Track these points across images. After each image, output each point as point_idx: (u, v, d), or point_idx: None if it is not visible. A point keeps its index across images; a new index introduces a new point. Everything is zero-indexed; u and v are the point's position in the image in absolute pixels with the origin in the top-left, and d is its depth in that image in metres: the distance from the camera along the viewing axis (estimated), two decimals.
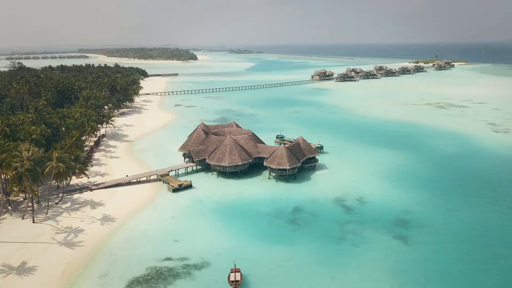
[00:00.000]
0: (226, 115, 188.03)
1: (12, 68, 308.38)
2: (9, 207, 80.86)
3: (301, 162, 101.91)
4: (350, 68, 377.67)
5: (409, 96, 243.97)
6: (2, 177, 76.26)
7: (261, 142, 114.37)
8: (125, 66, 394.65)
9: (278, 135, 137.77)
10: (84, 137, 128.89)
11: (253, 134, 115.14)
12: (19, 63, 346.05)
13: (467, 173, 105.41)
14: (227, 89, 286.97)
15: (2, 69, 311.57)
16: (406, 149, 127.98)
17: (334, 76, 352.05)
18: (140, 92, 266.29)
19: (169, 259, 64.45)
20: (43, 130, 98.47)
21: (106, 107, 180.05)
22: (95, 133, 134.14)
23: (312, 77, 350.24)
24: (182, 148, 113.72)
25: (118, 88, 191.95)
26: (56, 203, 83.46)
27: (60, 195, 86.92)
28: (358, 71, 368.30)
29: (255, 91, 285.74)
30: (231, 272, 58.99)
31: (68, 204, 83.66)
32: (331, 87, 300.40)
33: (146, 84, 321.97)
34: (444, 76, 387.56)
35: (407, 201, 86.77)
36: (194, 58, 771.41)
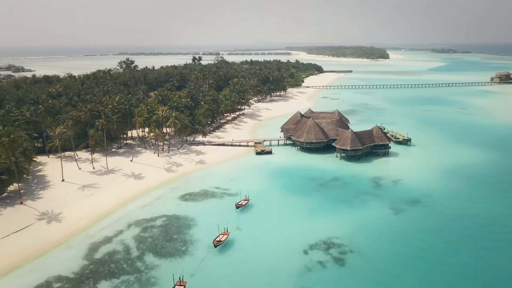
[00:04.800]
0: (357, 107, 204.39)
1: (215, 61, 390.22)
2: (152, 146, 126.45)
3: (365, 146, 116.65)
4: None
5: None
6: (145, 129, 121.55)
7: (345, 128, 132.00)
8: (305, 63, 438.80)
9: None
10: (226, 113, 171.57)
11: (338, 121, 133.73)
12: (221, 57, 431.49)
13: None
14: (384, 86, 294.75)
15: (209, 62, 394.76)
16: (499, 152, 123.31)
17: None
18: (303, 84, 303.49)
19: (217, 188, 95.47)
20: (186, 102, 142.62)
21: (259, 95, 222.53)
22: (236, 110, 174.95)
23: (492, 79, 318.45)
24: (282, 126, 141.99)
25: (270, 79, 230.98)
26: (178, 149, 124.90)
27: (183, 145, 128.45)
28: None
29: (411, 90, 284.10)
30: (242, 200, 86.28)
31: (184, 150, 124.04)
32: (503, 91, 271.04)
33: (315, 79, 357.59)
34: None
35: (436, 189, 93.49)
36: (385, 57, 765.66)
